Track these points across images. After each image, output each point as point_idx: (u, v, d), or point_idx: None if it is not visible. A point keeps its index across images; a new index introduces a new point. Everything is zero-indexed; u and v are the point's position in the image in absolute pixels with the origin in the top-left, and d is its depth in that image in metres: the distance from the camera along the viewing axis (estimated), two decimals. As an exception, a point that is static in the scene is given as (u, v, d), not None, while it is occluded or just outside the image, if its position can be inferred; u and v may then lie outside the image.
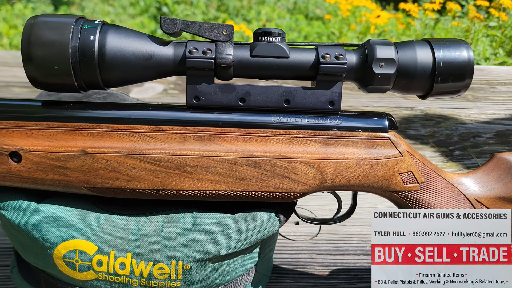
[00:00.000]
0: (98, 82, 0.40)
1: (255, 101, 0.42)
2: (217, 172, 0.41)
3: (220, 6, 4.02)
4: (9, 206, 0.42)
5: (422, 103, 0.96)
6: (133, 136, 0.41)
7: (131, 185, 0.41)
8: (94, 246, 0.42)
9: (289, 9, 4.45)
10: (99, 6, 4.18)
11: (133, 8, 4.25)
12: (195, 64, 0.40)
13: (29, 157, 0.40)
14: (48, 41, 0.38)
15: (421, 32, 2.27)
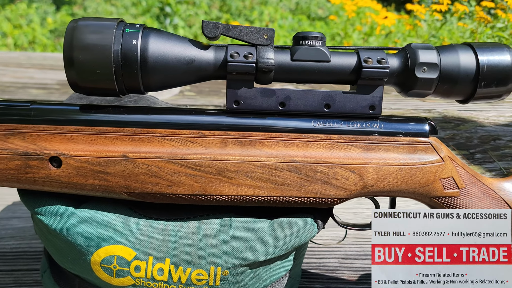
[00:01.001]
0: (139, 87, 0.40)
1: (295, 106, 0.41)
2: (258, 177, 0.40)
3: (222, 7, 4.02)
4: (46, 211, 0.41)
5: (439, 105, 0.96)
6: (173, 141, 0.40)
7: (171, 190, 0.40)
8: (133, 252, 0.41)
9: (291, 9, 4.46)
10: (102, 6, 4.18)
11: (135, 8, 4.25)
12: (236, 68, 0.39)
13: (69, 162, 0.39)
14: (90, 45, 0.37)
15: (427, 33, 2.27)
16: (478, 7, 2.24)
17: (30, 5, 3.75)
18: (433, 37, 2.27)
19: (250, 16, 3.85)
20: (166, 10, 3.70)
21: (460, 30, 2.35)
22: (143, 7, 4.18)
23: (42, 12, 3.66)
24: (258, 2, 4.24)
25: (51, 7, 3.96)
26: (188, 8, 3.68)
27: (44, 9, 3.76)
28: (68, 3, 4.29)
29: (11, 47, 2.65)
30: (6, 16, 3.16)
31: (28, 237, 0.60)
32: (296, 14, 4.28)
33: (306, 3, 4.53)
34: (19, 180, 0.40)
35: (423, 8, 2.25)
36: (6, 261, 0.56)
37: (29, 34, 2.85)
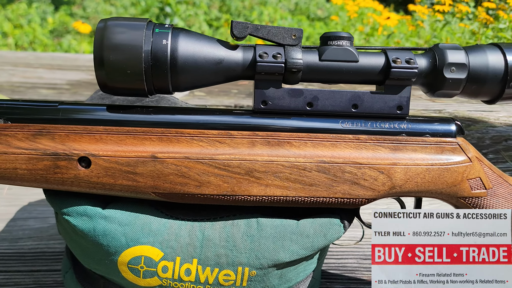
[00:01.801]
0: (167, 87, 0.40)
1: (323, 106, 0.41)
2: (286, 177, 0.40)
3: (222, 7, 4.02)
4: (74, 211, 0.41)
5: (449, 105, 0.96)
6: (202, 141, 0.40)
7: (199, 191, 0.40)
8: (160, 252, 0.41)
9: (290, 10, 4.46)
10: (101, 6, 4.17)
11: (134, 8, 4.24)
12: (265, 68, 0.39)
13: (98, 162, 0.39)
14: (121, 45, 0.37)
15: (430, 34, 2.27)
16: (481, 8, 2.24)
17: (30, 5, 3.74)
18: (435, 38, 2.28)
19: (249, 16, 3.85)
20: (166, 10, 3.70)
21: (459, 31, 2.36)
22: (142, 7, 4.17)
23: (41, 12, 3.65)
24: (257, 2, 4.24)
25: (50, 7, 3.95)
26: (187, 8, 3.68)
27: (43, 9, 3.75)
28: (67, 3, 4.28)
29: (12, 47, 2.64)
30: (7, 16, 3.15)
31: (46, 238, 0.60)
32: (295, 14, 4.29)
33: (306, 3, 4.54)
34: (48, 181, 0.39)
35: (425, 9, 2.25)
36: (25, 261, 0.56)
37: (30, 34, 2.85)
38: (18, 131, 0.39)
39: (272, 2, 4.33)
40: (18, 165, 0.39)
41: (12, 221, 0.62)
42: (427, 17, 2.30)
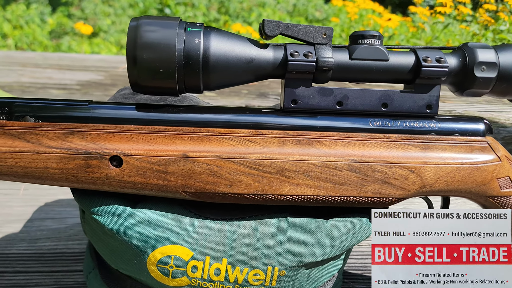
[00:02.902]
0: (198, 86, 0.40)
1: (353, 105, 0.41)
2: (317, 176, 0.40)
3: (220, 8, 4.02)
4: (103, 211, 0.41)
5: (459, 106, 0.96)
6: (232, 140, 0.40)
7: (230, 190, 0.40)
8: (190, 252, 0.41)
9: (288, 11, 4.47)
10: (99, 7, 4.16)
11: (132, 9, 4.23)
12: (296, 67, 0.39)
13: (130, 161, 0.39)
14: (154, 43, 0.37)
15: (431, 36, 2.28)
16: (482, 10, 2.25)
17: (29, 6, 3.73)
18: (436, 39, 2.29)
19: (248, 18, 3.85)
20: (165, 11, 3.70)
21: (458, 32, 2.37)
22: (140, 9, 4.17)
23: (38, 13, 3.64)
24: (255, 4, 4.25)
25: (47, 8, 3.94)
26: (186, 9, 3.68)
27: (40, 10, 3.74)
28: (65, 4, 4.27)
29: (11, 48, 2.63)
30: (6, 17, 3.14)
31: (64, 238, 0.59)
32: (293, 16, 4.30)
33: (304, 5, 4.55)
34: (79, 180, 0.39)
35: (427, 11, 2.26)
36: (45, 262, 0.55)
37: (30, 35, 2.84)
38: (49, 130, 0.39)
39: (270, 4, 4.33)
40: (49, 164, 0.38)
41: (30, 222, 0.61)
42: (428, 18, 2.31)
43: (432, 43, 2.22)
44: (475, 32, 2.22)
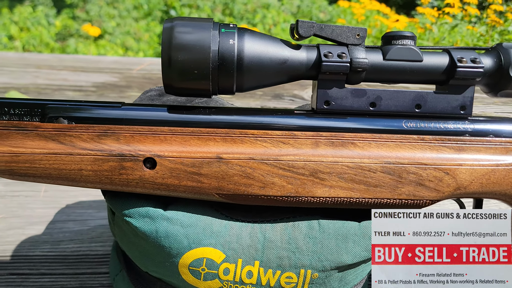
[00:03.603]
0: (231, 87, 0.39)
1: (386, 106, 0.41)
2: (351, 178, 0.40)
3: (225, 10, 4.03)
4: (136, 213, 0.41)
5: (475, 107, 0.96)
6: (265, 141, 0.40)
7: (263, 192, 0.40)
8: (222, 254, 0.41)
9: (293, 13, 4.47)
10: (104, 9, 4.17)
11: (136, 11, 4.24)
12: (330, 68, 0.39)
13: (164, 163, 0.39)
14: (189, 45, 0.37)
15: (438, 37, 2.28)
16: (490, 10, 2.25)
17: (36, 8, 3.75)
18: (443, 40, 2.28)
19: (252, 19, 3.86)
20: (170, 13, 3.71)
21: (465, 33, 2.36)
22: (145, 11, 4.18)
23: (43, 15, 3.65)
24: (260, 5, 4.25)
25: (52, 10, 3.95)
26: (191, 11, 3.69)
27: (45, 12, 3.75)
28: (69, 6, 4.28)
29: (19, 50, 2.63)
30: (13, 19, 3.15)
31: (87, 240, 0.59)
32: (297, 17, 4.30)
33: (308, 6, 4.55)
34: (113, 182, 0.39)
35: (435, 11, 2.26)
36: (69, 264, 0.55)
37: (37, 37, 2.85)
38: (83, 131, 0.39)
39: (275, 5, 4.34)
40: (83, 166, 0.38)
41: (52, 224, 0.61)
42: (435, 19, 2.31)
43: (440, 44, 2.22)
44: (482, 33, 2.21)
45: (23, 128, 0.38)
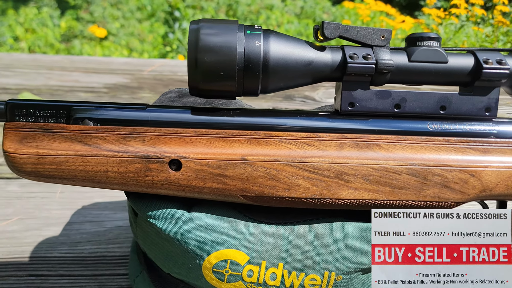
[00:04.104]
0: (256, 89, 0.39)
1: (410, 108, 0.41)
2: (376, 180, 0.40)
3: (228, 11, 4.04)
4: (160, 215, 0.40)
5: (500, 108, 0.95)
6: (290, 143, 0.40)
7: (288, 194, 0.40)
8: (246, 256, 0.41)
9: (296, 14, 4.47)
10: (108, 10, 4.19)
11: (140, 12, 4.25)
12: (355, 69, 0.39)
13: (189, 165, 0.39)
14: (215, 46, 0.37)
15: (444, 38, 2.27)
16: (496, 11, 2.24)
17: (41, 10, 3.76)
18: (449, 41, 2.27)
19: (256, 20, 3.86)
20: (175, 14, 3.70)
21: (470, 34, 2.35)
22: (148, 12, 4.18)
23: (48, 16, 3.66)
24: (263, 6, 4.25)
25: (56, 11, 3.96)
26: (195, 12, 3.70)
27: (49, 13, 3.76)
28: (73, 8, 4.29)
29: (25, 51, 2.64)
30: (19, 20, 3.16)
31: (104, 242, 0.59)
32: (301, 18, 4.30)
33: (311, 7, 4.55)
34: (138, 184, 0.39)
35: (441, 12, 2.25)
36: (87, 265, 0.55)
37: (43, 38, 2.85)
38: (108, 133, 0.39)
39: (278, 7, 4.34)
40: (109, 167, 0.38)
41: (68, 225, 0.61)
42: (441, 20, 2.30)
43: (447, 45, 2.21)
44: (488, 34, 2.21)
45: (49, 130, 0.38)
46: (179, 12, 3.63)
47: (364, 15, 2.79)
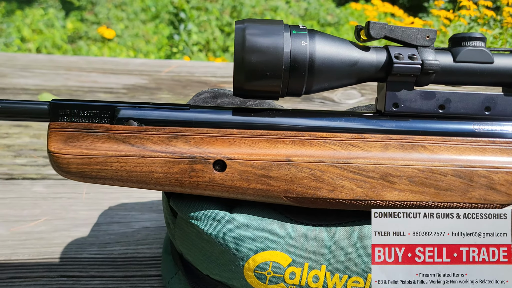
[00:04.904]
0: (300, 89, 0.39)
1: (455, 108, 0.41)
2: (421, 182, 0.40)
3: (233, 13, 4.04)
4: (202, 216, 0.40)
5: None
6: (334, 144, 0.40)
7: (332, 195, 0.40)
8: (288, 258, 0.40)
9: (300, 15, 4.47)
10: (113, 12, 4.19)
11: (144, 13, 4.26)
12: (401, 69, 0.39)
13: (234, 165, 0.38)
14: (262, 47, 0.37)
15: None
16: (505, 13, 2.24)
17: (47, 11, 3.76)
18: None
19: (261, 22, 3.85)
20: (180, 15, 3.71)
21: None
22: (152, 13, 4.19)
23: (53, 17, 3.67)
24: (267, 8, 4.26)
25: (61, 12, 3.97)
26: (200, 14, 3.70)
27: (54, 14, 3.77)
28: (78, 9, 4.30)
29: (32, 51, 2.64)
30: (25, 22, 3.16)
31: (133, 243, 0.59)
32: (305, 20, 4.30)
33: (316, 9, 4.55)
34: (182, 184, 0.39)
35: (451, 14, 2.25)
36: (118, 267, 0.55)
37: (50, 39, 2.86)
38: (153, 134, 0.38)
39: (282, 8, 4.34)
40: (154, 168, 0.38)
41: (96, 226, 0.61)
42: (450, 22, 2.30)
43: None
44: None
45: (94, 130, 0.38)
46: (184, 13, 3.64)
47: (371, 17, 2.79)
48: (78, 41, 3.25)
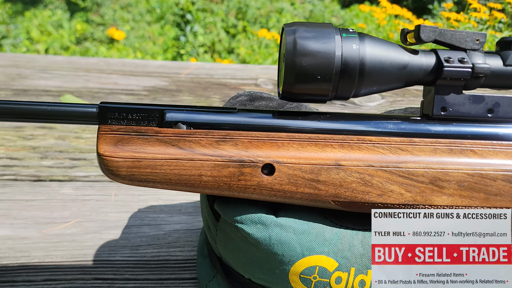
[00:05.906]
0: (350, 92, 0.39)
1: (504, 113, 0.40)
2: (471, 187, 0.39)
3: (238, 14, 4.04)
4: (248, 219, 0.40)
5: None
6: (383, 148, 0.39)
7: (381, 200, 0.39)
8: (335, 263, 0.40)
9: (305, 17, 4.47)
10: (118, 13, 4.20)
11: (150, 15, 4.27)
12: (451, 73, 0.38)
13: (282, 169, 0.38)
14: (314, 50, 0.37)
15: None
16: None
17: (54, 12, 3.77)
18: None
19: (266, 24, 3.86)
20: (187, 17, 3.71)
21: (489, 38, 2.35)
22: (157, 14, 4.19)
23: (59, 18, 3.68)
24: (273, 10, 4.26)
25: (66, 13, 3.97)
26: (206, 16, 3.70)
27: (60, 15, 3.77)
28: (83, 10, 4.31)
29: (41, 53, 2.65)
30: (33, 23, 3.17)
31: (165, 246, 0.59)
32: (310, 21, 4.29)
33: (321, 11, 4.55)
34: (230, 188, 0.38)
35: (461, 16, 2.25)
36: (151, 269, 0.55)
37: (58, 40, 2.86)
38: (202, 137, 0.38)
39: (288, 10, 4.34)
40: (203, 171, 0.38)
41: (127, 228, 0.61)
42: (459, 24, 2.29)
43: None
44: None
45: (144, 133, 0.38)
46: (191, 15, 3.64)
47: (380, 19, 2.79)
48: (84, 43, 3.26)
